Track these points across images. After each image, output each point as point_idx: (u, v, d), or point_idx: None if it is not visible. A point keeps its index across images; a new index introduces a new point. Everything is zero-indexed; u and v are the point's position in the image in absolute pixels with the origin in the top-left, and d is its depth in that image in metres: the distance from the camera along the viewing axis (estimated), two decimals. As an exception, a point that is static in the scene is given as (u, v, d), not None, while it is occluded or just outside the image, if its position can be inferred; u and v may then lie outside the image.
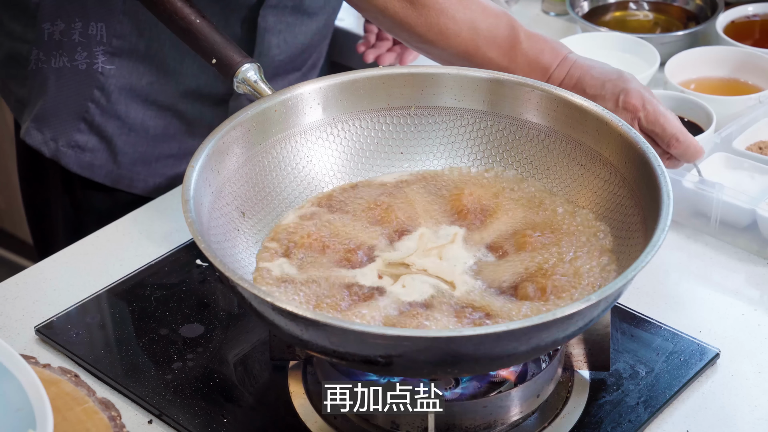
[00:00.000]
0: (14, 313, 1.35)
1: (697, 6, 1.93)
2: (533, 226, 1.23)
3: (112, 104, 1.58)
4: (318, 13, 1.62)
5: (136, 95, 1.59)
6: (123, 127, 1.60)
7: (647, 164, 1.17)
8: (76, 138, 1.60)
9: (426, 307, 1.13)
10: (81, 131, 1.60)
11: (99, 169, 1.62)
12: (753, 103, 1.63)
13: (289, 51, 1.62)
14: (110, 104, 1.58)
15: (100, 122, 1.59)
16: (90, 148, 1.61)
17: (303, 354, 1.22)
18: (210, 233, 1.15)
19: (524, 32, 1.38)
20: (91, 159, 1.61)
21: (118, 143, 1.61)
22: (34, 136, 1.61)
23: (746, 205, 1.42)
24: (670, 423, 1.20)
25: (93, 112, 1.58)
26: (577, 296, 1.14)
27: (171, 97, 1.60)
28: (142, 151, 1.62)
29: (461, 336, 1.00)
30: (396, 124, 1.33)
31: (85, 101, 1.58)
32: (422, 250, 1.21)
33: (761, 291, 1.38)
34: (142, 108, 1.59)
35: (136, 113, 1.59)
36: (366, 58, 1.70)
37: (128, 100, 1.59)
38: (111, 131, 1.60)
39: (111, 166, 1.62)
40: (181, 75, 1.58)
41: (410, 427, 1.15)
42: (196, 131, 1.63)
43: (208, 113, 1.63)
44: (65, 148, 1.60)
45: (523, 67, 1.38)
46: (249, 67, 1.28)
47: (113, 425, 1.16)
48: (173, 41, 1.53)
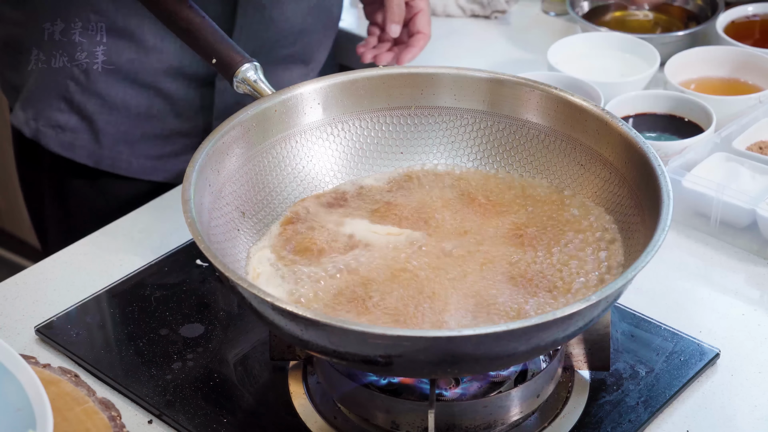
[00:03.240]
0: (14, 313, 1.35)
1: (697, 6, 1.93)
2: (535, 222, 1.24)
3: (92, 82, 1.56)
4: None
5: (116, 73, 1.56)
6: (104, 106, 1.58)
7: (647, 164, 1.17)
8: (57, 117, 1.58)
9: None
10: (61, 110, 1.58)
11: (80, 149, 1.60)
12: (753, 103, 1.63)
13: (276, 29, 1.60)
14: (90, 82, 1.56)
15: (80, 101, 1.57)
16: (71, 127, 1.59)
17: (303, 354, 1.22)
18: (210, 233, 1.15)
19: None
20: (72, 139, 1.59)
21: (100, 122, 1.58)
22: (18, 117, 1.60)
23: (746, 205, 1.42)
24: (670, 423, 1.20)
25: (73, 90, 1.57)
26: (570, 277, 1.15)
27: (152, 75, 1.57)
28: (124, 131, 1.60)
29: (461, 336, 1.00)
30: (396, 124, 1.33)
31: (65, 79, 1.56)
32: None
33: (761, 291, 1.38)
34: (122, 86, 1.57)
35: (116, 91, 1.57)
36: (363, 58, 1.69)
37: (108, 78, 1.56)
38: (92, 110, 1.58)
39: (93, 146, 1.60)
40: (162, 52, 1.56)
41: (410, 427, 1.15)
42: (182, 111, 1.61)
43: (194, 93, 1.60)
44: (45, 128, 1.59)
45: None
46: (249, 67, 1.28)
47: (113, 425, 1.16)
48: (153, 17, 1.52)
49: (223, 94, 1.60)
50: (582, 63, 1.77)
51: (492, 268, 1.18)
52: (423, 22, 1.63)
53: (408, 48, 1.63)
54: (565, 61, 1.75)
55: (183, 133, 1.63)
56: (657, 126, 1.62)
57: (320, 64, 1.71)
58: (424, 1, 1.62)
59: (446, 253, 1.20)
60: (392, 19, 1.60)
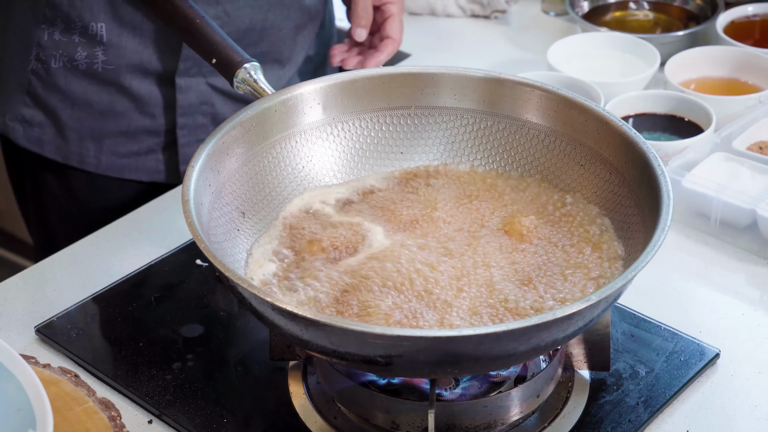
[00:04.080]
0: (14, 313, 1.35)
1: (697, 6, 1.93)
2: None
3: (51, 77, 1.56)
4: None
5: (74, 68, 1.55)
6: (65, 101, 1.57)
7: (647, 164, 1.17)
8: (23, 112, 1.58)
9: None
10: (27, 105, 1.57)
11: (48, 144, 1.59)
12: (753, 103, 1.63)
13: (234, 26, 1.56)
14: (50, 77, 1.56)
15: (42, 95, 1.57)
16: (37, 122, 1.58)
17: (303, 354, 1.22)
18: (210, 233, 1.15)
19: None
20: (39, 134, 1.59)
21: (63, 118, 1.58)
22: None
23: (746, 205, 1.42)
24: (670, 423, 1.20)
25: (35, 84, 1.56)
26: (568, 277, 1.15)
27: (112, 73, 1.55)
28: (89, 127, 1.59)
29: (461, 336, 1.00)
30: (396, 124, 1.33)
31: (26, 73, 1.56)
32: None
33: (761, 291, 1.38)
34: (82, 82, 1.56)
35: (77, 87, 1.56)
36: (332, 61, 1.66)
37: (67, 73, 1.55)
38: (54, 105, 1.57)
39: (59, 142, 1.59)
40: (120, 48, 1.54)
41: (410, 427, 1.15)
42: (146, 109, 1.59)
43: (156, 91, 1.58)
44: (12, 122, 1.58)
45: None
46: (249, 67, 1.28)
47: (113, 425, 1.16)
48: (109, 13, 1.50)
49: (185, 92, 1.58)
50: (582, 63, 1.77)
51: (492, 268, 1.18)
52: (393, 27, 1.58)
53: (374, 53, 1.57)
54: (565, 61, 1.75)
55: (150, 131, 1.61)
56: (657, 126, 1.62)
57: (297, 64, 1.68)
58: (397, 5, 1.58)
59: (447, 253, 1.20)
60: (357, 23, 1.57)
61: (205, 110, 1.60)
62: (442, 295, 1.14)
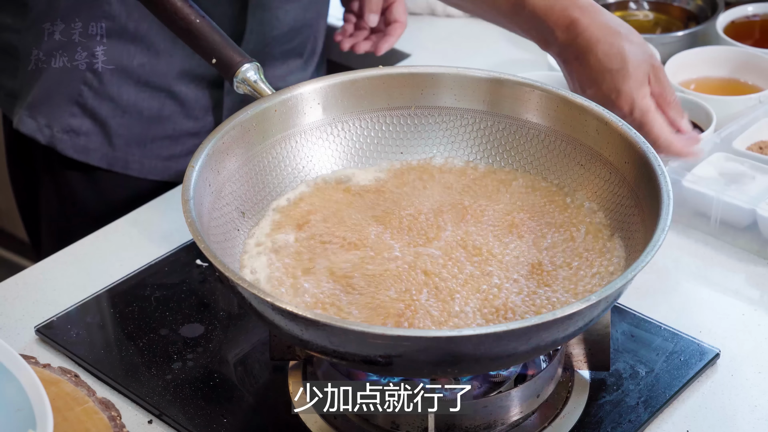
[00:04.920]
0: (14, 313, 1.35)
1: (697, 6, 1.93)
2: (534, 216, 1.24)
3: (105, 86, 1.58)
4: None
5: (128, 77, 1.58)
6: (116, 109, 1.59)
7: (647, 164, 1.17)
8: (70, 122, 1.59)
9: None
10: (74, 115, 1.59)
11: (94, 152, 1.61)
12: (753, 103, 1.63)
13: (281, 28, 1.61)
14: (102, 86, 1.58)
15: (93, 105, 1.58)
16: (84, 131, 1.60)
17: (303, 354, 1.22)
18: (210, 233, 1.15)
19: None
20: (86, 143, 1.60)
21: (113, 125, 1.60)
22: (28, 124, 1.60)
23: (746, 205, 1.42)
24: (670, 423, 1.20)
25: (86, 95, 1.58)
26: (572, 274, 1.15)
27: (164, 79, 1.59)
28: (136, 133, 1.61)
29: (461, 336, 1.00)
30: (396, 124, 1.33)
31: (78, 84, 1.57)
32: None
33: (761, 291, 1.38)
34: (134, 89, 1.59)
35: (128, 95, 1.59)
36: (342, 47, 1.70)
37: (120, 82, 1.58)
38: (105, 114, 1.59)
39: (106, 149, 1.61)
40: (172, 56, 1.57)
41: (410, 427, 1.15)
42: (192, 113, 1.62)
43: (203, 94, 1.62)
44: (60, 133, 1.59)
45: (527, 21, 1.36)
46: (249, 67, 1.28)
47: (113, 425, 1.16)
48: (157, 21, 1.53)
49: (232, 93, 1.62)
50: (582, 63, 1.77)
51: (492, 268, 1.18)
52: (399, 10, 1.66)
53: (386, 37, 1.65)
54: (565, 61, 1.75)
55: (192, 133, 1.64)
56: (657, 126, 1.62)
57: (314, 54, 1.72)
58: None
59: (447, 253, 1.20)
60: (370, 8, 1.62)
61: None
62: (443, 295, 1.14)
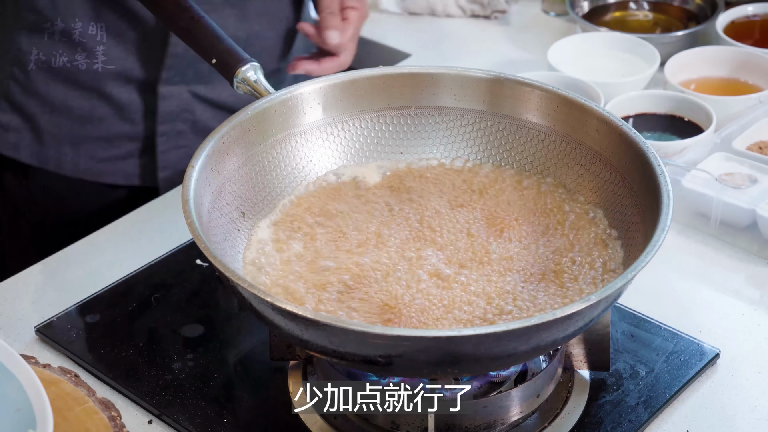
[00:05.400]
0: (14, 313, 1.35)
1: (697, 6, 1.93)
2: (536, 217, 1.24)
3: (31, 82, 1.56)
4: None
5: (54, 74, 1.55)
6: (44, 106, 1.57)
7: (647, 164, 1.17)
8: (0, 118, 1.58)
9: None
10: (3, 110, 1.58)
11: (24, 149, 1.59)
12: (753, 103, 1.63)
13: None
14: (29, 82, 1.56)
15: (21, 101, 1.57)
16: (14, 127, 1.58)
17: (303, 354, 1.22)
18: (210, 233, 1.15)
19: None
20: (16, 139, 1.59)
21: (41, 123, 1.58)
22: None
23: (746, 205, 1.42)
24: (670, 423, 1.20)
25: (13, 90, 1.56)
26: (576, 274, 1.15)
27: (95, 79, 1.56)
28: (67, 132, 1.58)
29: (461, 336, 1.00)
30: (396, 124, 1.33)
31: (6, 79, 1.56)
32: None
33: (761, 291, 1.38)
34: (62, 88, 1.56)
35: (56, 92, 1.56)
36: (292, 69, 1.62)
37: (47, 79, 1.55)
38: (32, 110, 1.57)
39: (36, 147, 1.59)
40: (104, 56, 1.54)
41: (410, 427, 1.15)
42: (126, 115, 1.59)
43: (137, 98, 1.58)
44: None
45: None
46: (249, 67, 1.28)
47: (113, 425, 1.16)
48: (91, 19, 1.50)
49: (166, 100, 1.58)
50: (582, 63, 1.77)
51: (493, 268, 1.18)
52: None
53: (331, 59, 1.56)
54: (565, 61, 1.75)
55: (129, 136, 1.61)
56: (657, 126, 1.62)
57: (280, 74, 1.66)
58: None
59: (447, 253, 1.20)
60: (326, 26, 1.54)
61: (186, 118, 1.60)
62: (443, 295, 1.14)
